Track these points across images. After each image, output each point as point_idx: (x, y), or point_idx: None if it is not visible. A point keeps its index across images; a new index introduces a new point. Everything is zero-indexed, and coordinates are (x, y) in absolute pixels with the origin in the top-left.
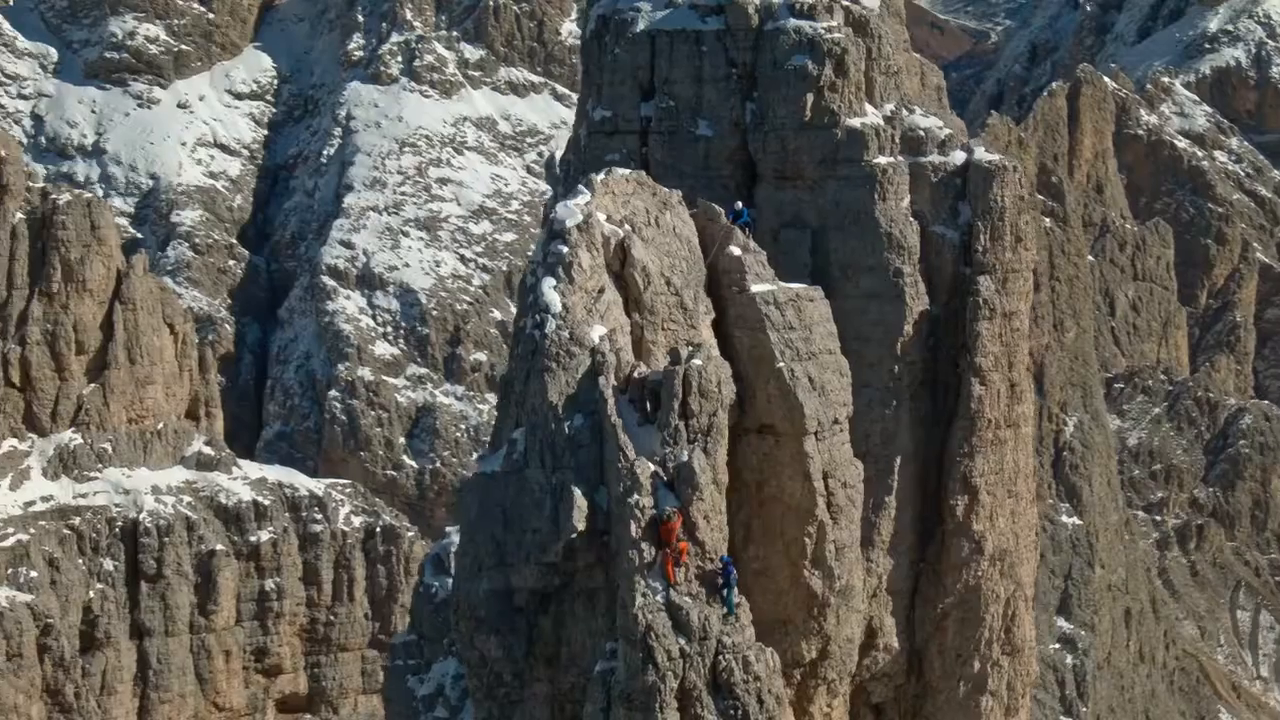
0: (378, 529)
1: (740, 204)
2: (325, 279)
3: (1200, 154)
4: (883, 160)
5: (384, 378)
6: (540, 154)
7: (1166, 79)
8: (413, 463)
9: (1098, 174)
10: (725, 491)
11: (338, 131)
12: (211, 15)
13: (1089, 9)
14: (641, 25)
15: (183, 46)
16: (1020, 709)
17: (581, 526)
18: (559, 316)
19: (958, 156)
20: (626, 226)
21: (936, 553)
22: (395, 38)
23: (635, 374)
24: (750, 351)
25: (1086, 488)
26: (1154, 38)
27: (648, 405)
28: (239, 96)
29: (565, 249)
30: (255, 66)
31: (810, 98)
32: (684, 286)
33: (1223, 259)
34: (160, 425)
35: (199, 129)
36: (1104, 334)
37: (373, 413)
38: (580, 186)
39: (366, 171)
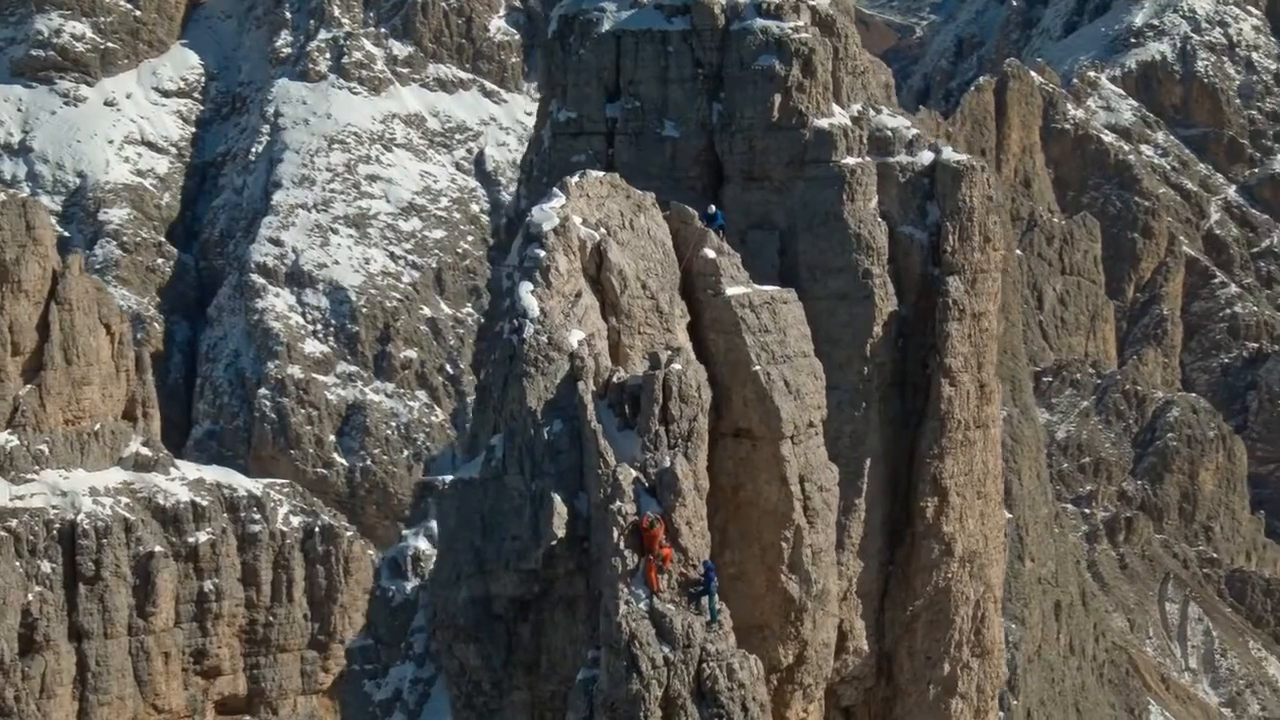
0: (316, 529)
1: (713, 206)
2: (254, 277)
3: (1127, 148)
4: (851, 161)
5: (314, 375)
6: (470, 151)
7: (1093, 73)
8: (343, 460)
9: (1025, 168)
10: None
11: (266, 129)
12: (138, 13)
13: (1015, 4)
14: (606, 25)
15: (109, 44)
16: (989, 711)
17: (561, 533)
18: (537, 321)
19: (925, 156)
20: (602, 230)
21: (906, 555)
22: (323, 34)
23: (614, 379)
24: (726, 355)
25: (1016, 481)
26: (1080, 32)
27: (626, 410)
28: (166, 94)
29: (542, 253)
30: (183, 64)
31: (778, 98)
32: (660, 290)
33: (1150, 252)
34: (97, 426)
35: (126, 127)
36: (1032, 328)
37: (303, 411)
38: (555, 190)
39: (295, 169)
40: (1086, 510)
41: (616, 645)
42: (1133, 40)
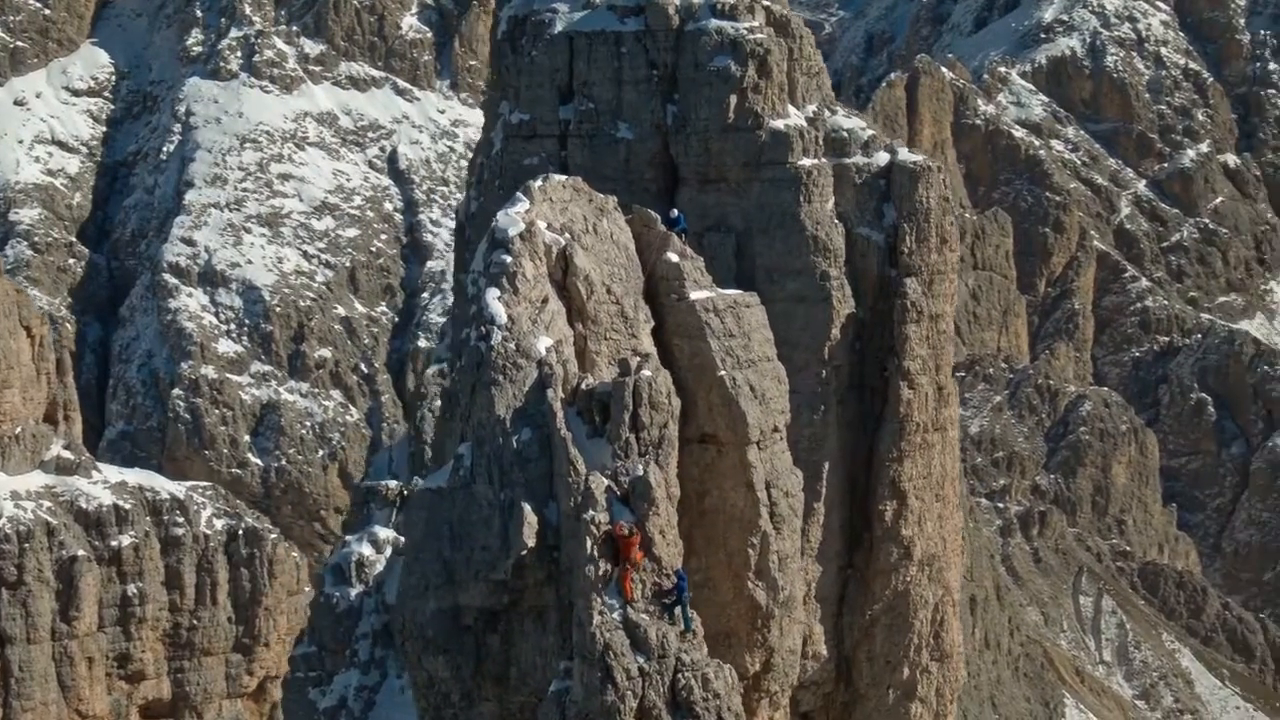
0: (240, 531)
1: (676, 210)
2: (167, 277)
3: (1037, 143)
4: (807, 162)
5: (228, 375)
6: (383, 149)
7: (1003, 69)
8: (258, 461)
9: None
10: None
11: (177, 128)
12: (48, 11)
13: (924, 0)
14: (559, 27)
15: (18, 43)
16: (949, 714)
17: (532, 543)
18: (505, 328)
19: (881, 157)
20: (566, 234)
21: (864, 558)
22: (234, 33)
23: (583, 386)
24: (691, 360)
25: None
26: (990, 28)
27: (595, 418)
28: (77, 93)
29: (508, 258)
30: (93, 63)
31: (733, 99)
32: (624, 295)
33: (1061, 247)
34: (18, 430)
35: (36, 126)
36: None
37: (217, 411)
38: (518, 194)
39: (207, 168)
40: (1000, 505)
41: (591, 656)
42: (1042, 36)
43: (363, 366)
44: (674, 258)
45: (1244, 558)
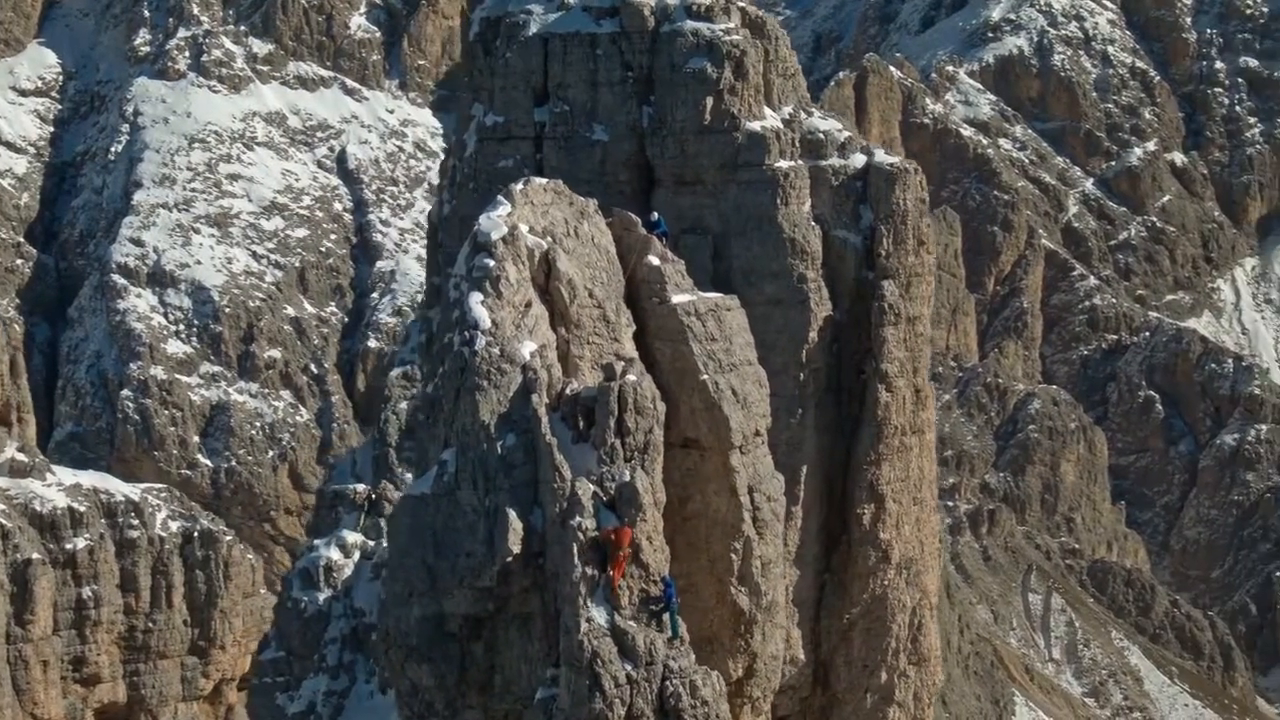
0: (195, 533)
1: (656, 213)
2: (115, 277)
3: (985, 142)
4: (784, 164)
5: (177, 376)
6: (331, 149)
7: (951, 68)
8: (207, 461)
9: None
10: None
11: (125, 128)
12: None
13: None
14: (534, 28)
15: None
16: (926, 718)
17: (517, 549)
18: (489, 333)
19: (858, 159)
20: (548, 238)
21: (842, 562)
22: (182, 33)
23: (567, 391)
24: (672, 364)
25: None
26: (938, 27)
27: (580, 423)
28: (24, 93)
29: (491, 262)
30: (40, 63)
31: (709, 101)
32: (606, 299)
33: (1009, 246)
34: None
35: None
36: None
37: (166, 412)
38: (499, 197)
39: (155, 168)
40: (950, 503)
41: (578, 663)
42: (990, 35)
43: (312, 367)
44: (655, 261)
45: (1192, 555)
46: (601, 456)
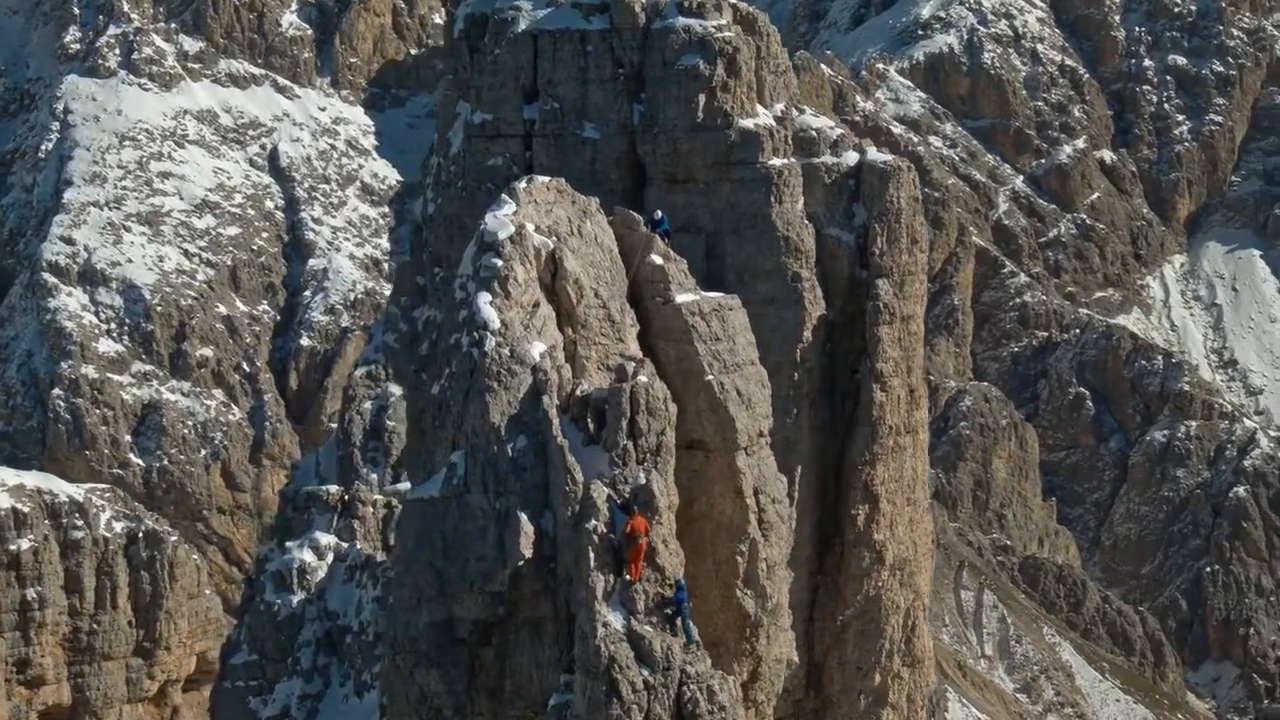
0: (140, 534)
1: (659, 212)
2: (46, 276)
3: (916, 139)
4: (777, 162)
5: (108, 375)
6: (263, 147)
7: (881, 65)
8: (139, 461)
9: None
10: None
11: (56, 126)
12: None
13: None
14: (523, 25)
15: None
16: None
17: (529, 553)
18: (498, 333)
19: (850, 157)
20: (554, 237)
21: (835, 563)
22: (113, 30)
23: (577, 392)
24: (677, 365)
25: None
26: (868, 24)
27: (590, 425)
28: None
29: (499, 262)
30: None
31: (702, 98)
32: (610, 298)
33: (940, 243)
34: None
35: None
36: None
37: (98, 411)
38: (503, 196)
39: (86, 166)
40: None
41: (595, 669)
42: (920, 33)
43: (245, 365)
44: (658, 260)
45: (1123, 551)
46: (613, 459)
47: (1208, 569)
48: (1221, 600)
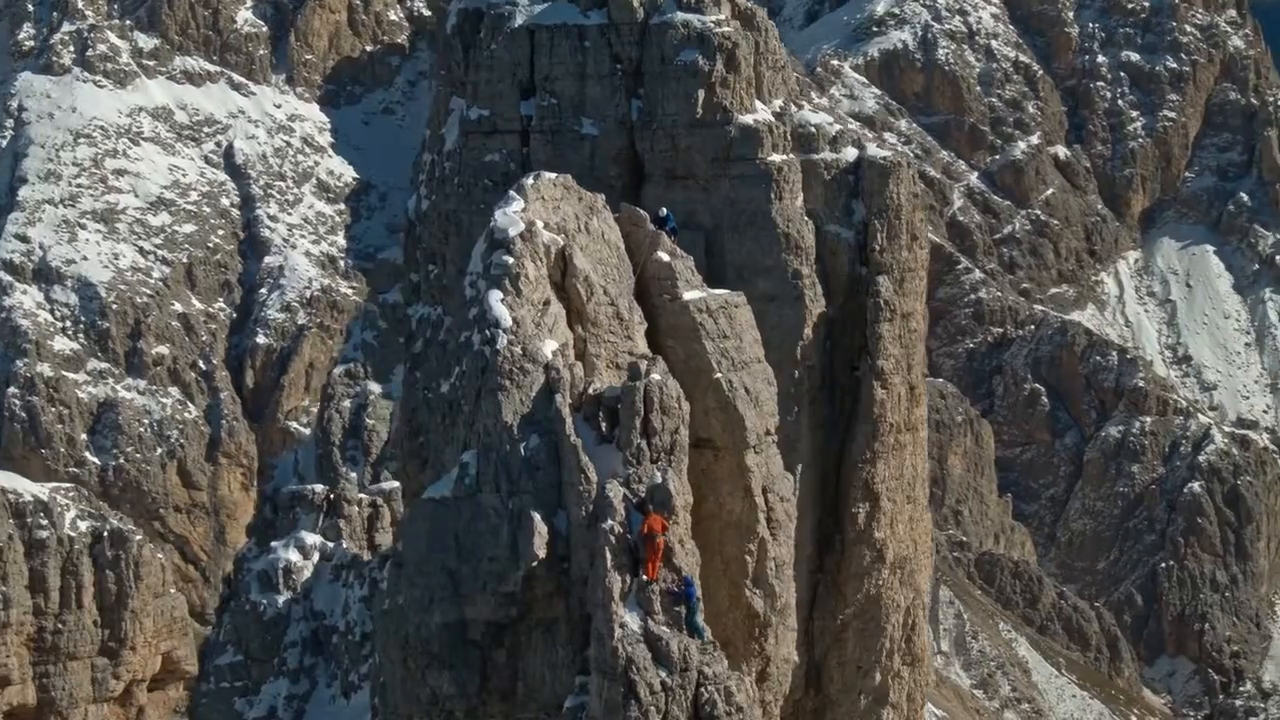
0: (105, 533)
1: (665, 209)
2: (1, 274)
3: (870, 135)
4: (777, 158)
5: (64, 373)
6: (219, 144)
7: (836, 62)
8: (95, 459)
9: None
10: None
11: (10, 123)
12: None
13: None
14: (519, 20)
15: None
16: (919, 719)
17: (543, 554)
18: (510, 331)
19: (849, 153)
20: (562, 234)
21: (836, 562)
22: (67, 27)
23: (589, 390)
24: (685, 362)
25: None
26: (822, 21)
27: (603, 423)
28: None
29: (510, 259)
30: None
31: (701, 94)
32: (619, 295)
33: None
34: None
35: None
36: None
37: (53, 409)
38: (511, 193)
39: (41, 164)
40: None
41: (612, 671)
42: (874, 29)
43: (200, 363)
44: (665, 257)
45: (1078, 547)
46: (628, 458)
47: (1163, 564)
48: (1176, 595)
